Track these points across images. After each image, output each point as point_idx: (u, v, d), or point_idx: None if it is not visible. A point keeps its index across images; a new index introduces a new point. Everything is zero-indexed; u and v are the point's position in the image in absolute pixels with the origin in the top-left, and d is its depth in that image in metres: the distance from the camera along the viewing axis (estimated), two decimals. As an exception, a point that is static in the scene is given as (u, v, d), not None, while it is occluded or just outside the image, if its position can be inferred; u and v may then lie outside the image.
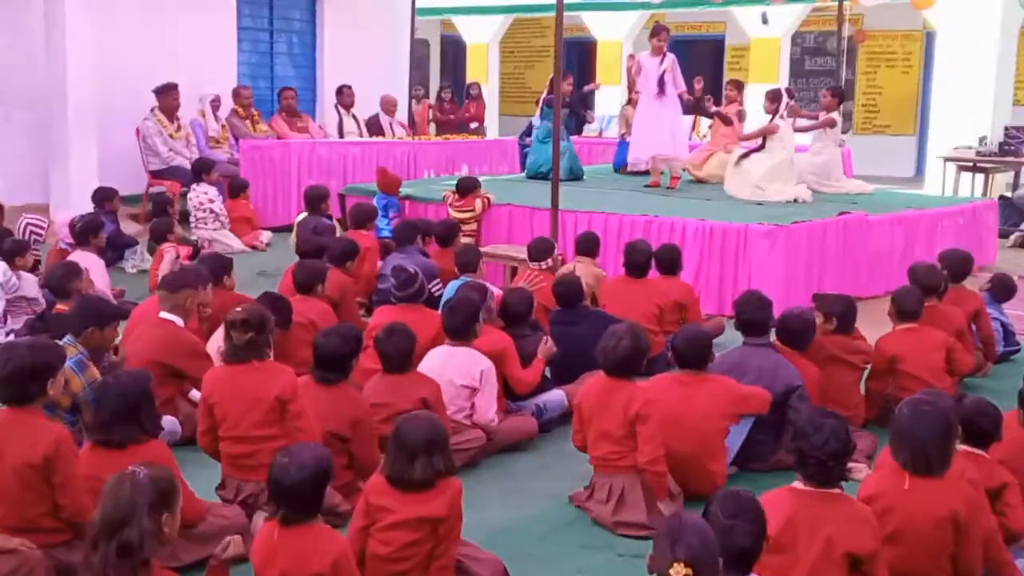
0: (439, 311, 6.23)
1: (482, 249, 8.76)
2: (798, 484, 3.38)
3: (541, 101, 11.45)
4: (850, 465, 4.77)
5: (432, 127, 15.95)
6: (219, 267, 6.12)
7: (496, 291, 6.07)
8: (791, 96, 10.20)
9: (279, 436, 4.11)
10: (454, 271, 6.97)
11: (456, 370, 5.02)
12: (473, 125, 15.90)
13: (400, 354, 4.66)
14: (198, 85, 11.54)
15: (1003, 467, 3.97)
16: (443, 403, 4.74)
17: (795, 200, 9.56)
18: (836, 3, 12.40)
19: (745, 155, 9.98)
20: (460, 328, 5.09)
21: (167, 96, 11.03)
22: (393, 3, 13.55)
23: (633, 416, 4.33)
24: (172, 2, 11.67)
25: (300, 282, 6.05)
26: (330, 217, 8.84)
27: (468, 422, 5.03)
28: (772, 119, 9.89)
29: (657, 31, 10.40)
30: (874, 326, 5.95)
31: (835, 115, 10.46)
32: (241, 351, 4.19)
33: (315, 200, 8.74)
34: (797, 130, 10.88)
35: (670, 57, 10.25)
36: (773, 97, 10.00)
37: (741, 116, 11.36)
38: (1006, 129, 12.01)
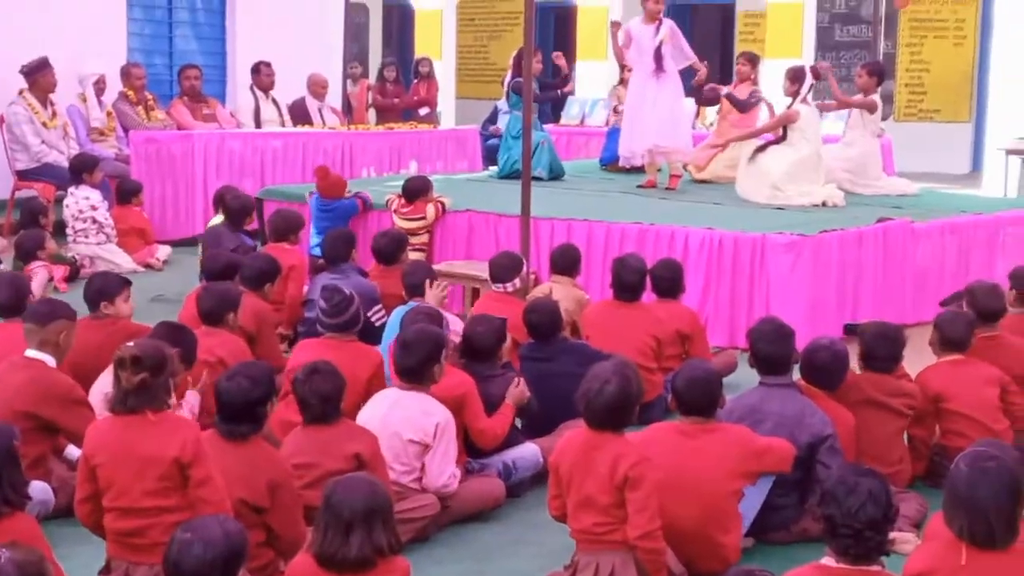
0: (381, 345, 6.28)
1: (437, 266, 8.84)
2: (828, 560, 3.40)
3: (506, 85, 11.49)
4: (893, 535, 4.88)
5: (372, 113, 16.02)
6: (108, 289, 6.08)
7: (452, 319, 6.08)
8: (818, 76, 10.30)
9: (178, 507, 4.06)
10: (400, 294, 6.98)
11: (405, 421, 5.01)
12: (423, 111, 15.96)
13: (324, 400, 4.64)
14: (77, 63, 11.50)
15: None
16: (383, 461, 4.73)
17: (823, 204, 9.65)
18: (872, -40, 12.55)
19: (761, 148, 10.06)
20: (416, 369, 5.08)
21: (40, 76, 11.01)
22: (323, -41, 13.61)
23: (622, 479, 4.33)
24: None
25: (207, 310, 6.02)
26: (252, 235, 8.80)
27: (418, 486, 5.02)
28: (793, 103, 9.99)
29: None
30: (922, 359, 6.00)
31: (874, 97, 10.58)
32: (132, 398, 4.16)
33: (237, 214, 8.69)
34: (826, 108, 10.99)
35: (668, 23, 10.34)
36: (794, 76, 10.11)
37: (756, 97, 11.44)
38: (1082, 114, 12.21)
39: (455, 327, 5.90)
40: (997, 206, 10.50)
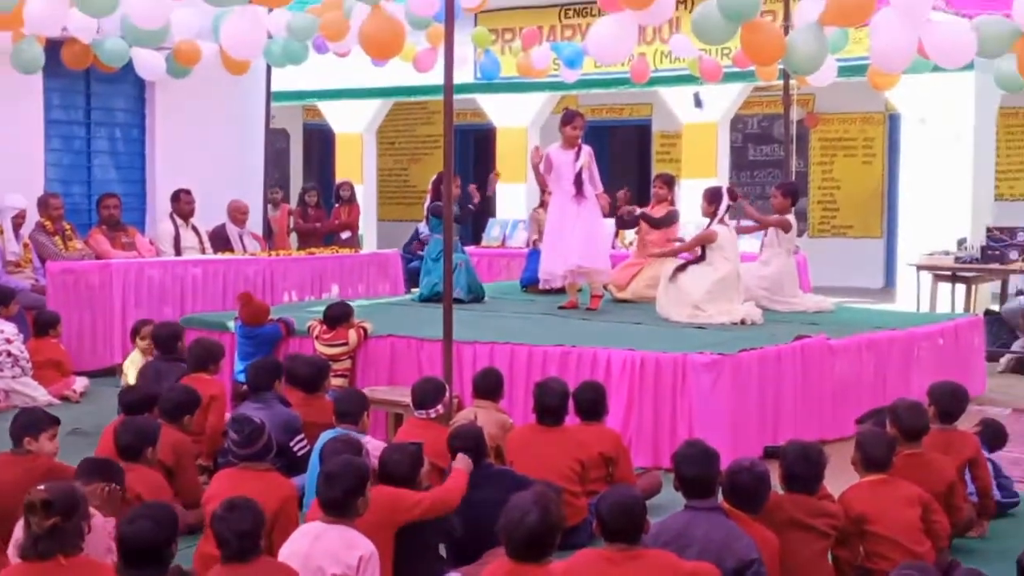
0: (308, 475, 6.21)
1: (360, 392, 8.80)
2: None
3: (426, 209, 11.58)
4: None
5: (294, 238, 16.04)
6: (34, 425, 5.96)
7: (372, 445, 6.03)
8: (733, 197, 10.51)
9: (92, 655, 3.96)
10: (325, 422, 6.91)
11: (328, 555, 4.91)
12: (345, 235, 16.01)
13: (241, 537, 4.53)
14: (3, 195, 11.47)
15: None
16: (306, 600, 4.64)
17: (743, 322, 9.77)
18: (781, 82, 12.89)
19: (682, 268, 10.18)
20: (340, 502, 5.01)
21: (-47, 208, 10.93)
22: (241, 88, 13.64)
23: (547, 612, 4.29)
24: (-42, 89, 11.62)
25: (124, 445, 5.92)
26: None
27: (341, 622, 4.93)
28: (711, 223, 10.15)
29: (570, 117, 10.67)
30: (843, 476, 6.04)
31: (788, 217, 10.80)
32: (43, 543, 4.05)
33: (168, 340, 8.59)
34: (742, 231, 11.19)
35: (587, 150, 10.51)
36: (711, 197, 10.28)
37: (672, 216, 11.64)
38: (989, 230, 12.51)
39: (375, 452, 5.85)
40: (910, 321, 10.69)
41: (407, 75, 13.80)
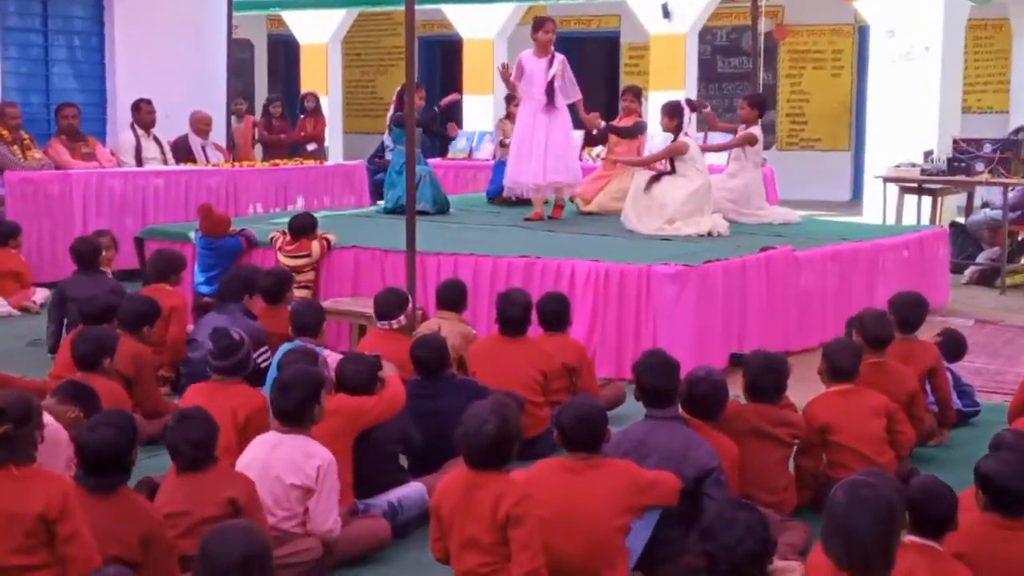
0: (266, 386, 6.15)
1: (323, 304, 8.72)
2: (711, 596, 3.38)
3: (389, 120, 11.44)
4: (778, 564, 4.90)
5: (258, 150, 15.87)
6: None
7: (331, 357, 5.98)
8: (694, 108, 10.40)
9: (46, 565, 3.91)
10: (287, 333, 6.86)
11: (286, 465, 4.88)
12: (310, 147, 15.86)
13: (195, 447, 4.51)
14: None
15: (959, 563, 4.03)
16: (259, 506, 4.61)
17: (709, 233, 9.71)
18: (750, -7, 12.76)
19: (656, 178, 10.02)
20: (295, 411, 4.97)
21: (-92, 117, 10.72)
22: (200, -4, 13.45)
23: (504, 518, 4.26)
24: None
25: (81, 356, 5.85)
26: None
27: (301, 531, 4.90)
28: (676, 138, 10.02)
29: (541, 23, 10.49)
30: (808, 386, 6.05)
31: (755, 130, 10.71)
32: (-6, 451, 4.00)
33: (88, 256, 8.45)
34: (707, 149, 11.11)
35: (560, 58, 10.34)
36: (671, 111, 10.08)
37: (640, 127, 11.50)
38: (955, 142, 12.44)
39: (334, 364, 5.80)
40: (876, 233, 10.68)
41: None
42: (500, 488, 4.35)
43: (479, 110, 17.25)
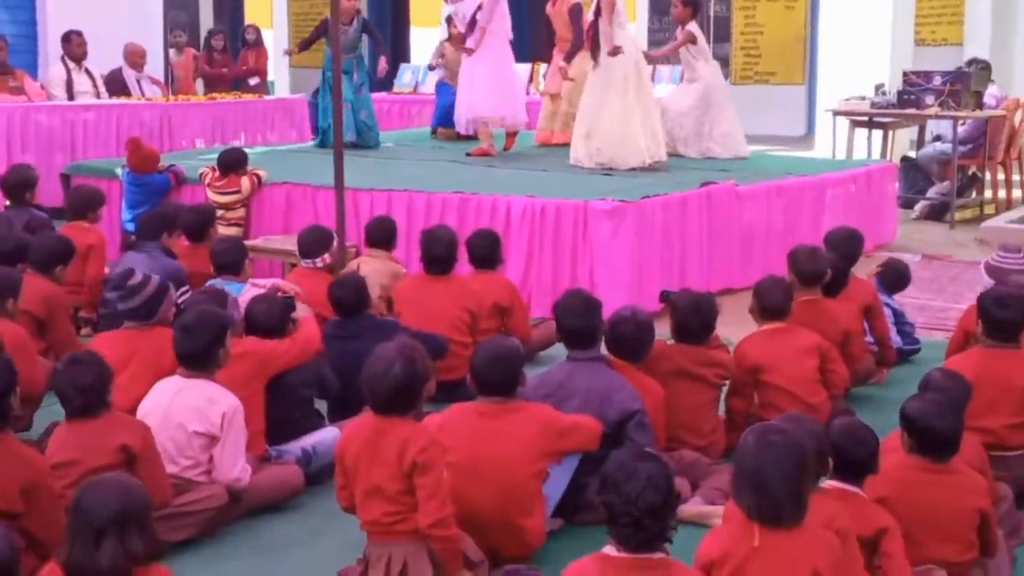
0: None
1: (253, 242, 8.52)
2: (610, 549, 3.22)
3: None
4: (701, 508, 4.77)
5: (200, 84, 15.51)
6: None
7: (249, 293, 5.77)
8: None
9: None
10: (210, 273, 6.64)
11: (189, 411, 4.69)
12: (252, 81, 15.53)
13: (84, 392, 4.30)
14: None
15: (881, 508, 3.90)
16: (155, 453, 4.43)
17: (651, 166, 9.52)
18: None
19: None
20: (199, 355, 4.76)
21: None
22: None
23: (410, 465, 4.09)
24: None
25: (-20, 297, 5.61)
26: (39, 208, 8.30)
27: (206, 479, 4.72)
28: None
29: None
30: (747, 326, 5.87)
31: (691, 27, 10.53)
32: None
33: (16, 188, 8.14)
34: (652, 59, 10.97)
35: None
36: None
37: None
38: (905, 75, 12.24)
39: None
40: (823, 168, 10.53)
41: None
42: (406, 434, 4.17)
43: (425, 42, 16.92)
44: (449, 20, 12.14)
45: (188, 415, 4.68)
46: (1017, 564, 4.45)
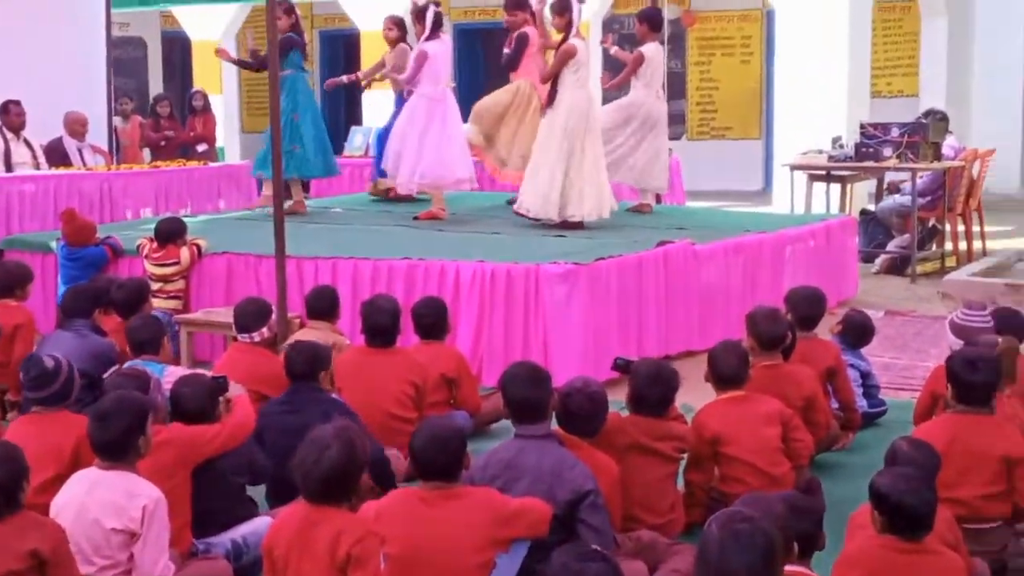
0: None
1: (193, 315, 8.22)
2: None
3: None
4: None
5: (147, 153, 15.21)
6: None
7: (171, 376, 5.44)
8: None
9: None
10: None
11: (106, 507, 4.33)
12: (201, 147, 15.23)
13: (-4, 492, 3.98)
14: None
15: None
16: (69, 558, 4.06)
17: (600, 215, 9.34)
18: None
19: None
20: (116, 444, 4.42)
21: None
22: (79, -11, 12.75)
23: (344, 558, 3.80)
24: None
25: None
26: None
27: (123, 579, 4.37)
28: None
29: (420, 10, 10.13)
30: (709, 392, 5.59)
31: (644, 48, 10.38)
32: None
33: None
34: (609, 86, 11.10)
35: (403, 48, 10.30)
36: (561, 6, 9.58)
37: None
38: (862, 127, 12.12)
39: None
40: (781, 223, 10.32)
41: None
42: (340, 525, 3.89)
43: (378, 105, 16.66)
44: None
45: (105, 511, 4.32)
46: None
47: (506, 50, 10.54)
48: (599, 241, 8.70)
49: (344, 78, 12.49)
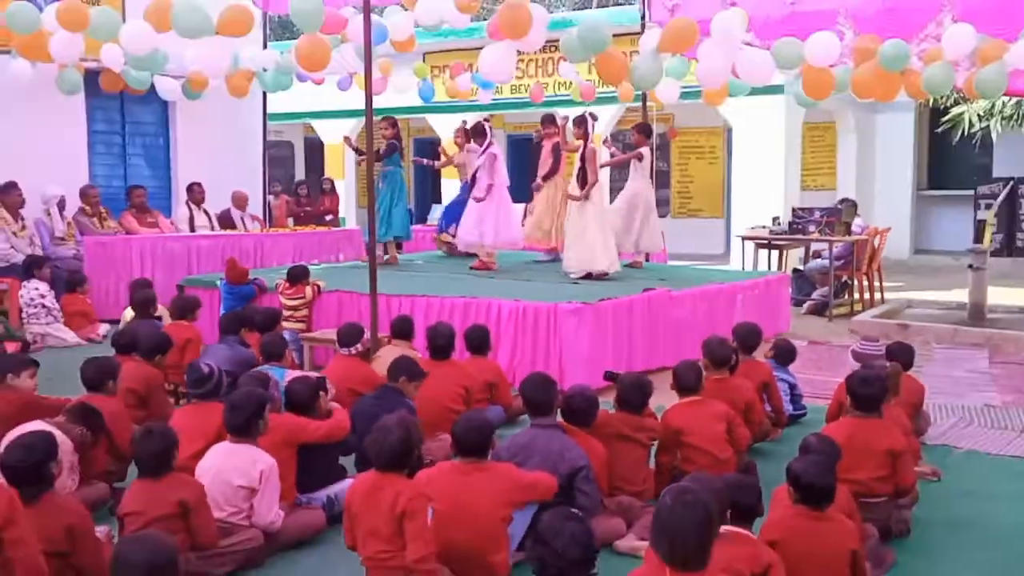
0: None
1: (313, 334, 8.14)
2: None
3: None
4: (633, 543, 4.28)
5: (291, 221, 15.24)
6: (9, 366, 5.20)
7: (283, 377, 5.35)
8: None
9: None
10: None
11: (235, 470, 4.26)
12: (328, 217, 15.22)
13: (154, 457, 3.89)
14: (47, 186, 10.58)
15: (768, 547, 3.43)
16: (206, 505, 3.98)
17: (606, 274, 9.11)
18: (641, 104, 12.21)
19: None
20: (242, 426, 4.34)
21: (8, 194, 10.05)
22: (242, 108, 12.74)
23: (400, 512, 3.66)
24: (20, 107, 10.66)
25: (88, 378, 5.19)
26: (159, 319, 7.88)
27: (247, 523, 4.27)
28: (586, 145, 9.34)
29: (478, 128, 10.01)
30: (675, 397, 5.41)
31: (643, 150, 10.16)
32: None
33: (142, 304, 7.70)
34: (605, 164, 10.56)
35: (482, 151, 9.88)
36: (579, 122, 9.40)
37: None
38: (794, 210, 11.94)
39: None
40: (734, 277, 10.10)
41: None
42: (398, 487, 3.75)
43: (452, 189, 16.65)
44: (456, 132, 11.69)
45: (234, 472, 4.25)
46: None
47: (549, 161, 10.41)
48: (601, 287, 8.53)
49: (424, 160, 12.63)
